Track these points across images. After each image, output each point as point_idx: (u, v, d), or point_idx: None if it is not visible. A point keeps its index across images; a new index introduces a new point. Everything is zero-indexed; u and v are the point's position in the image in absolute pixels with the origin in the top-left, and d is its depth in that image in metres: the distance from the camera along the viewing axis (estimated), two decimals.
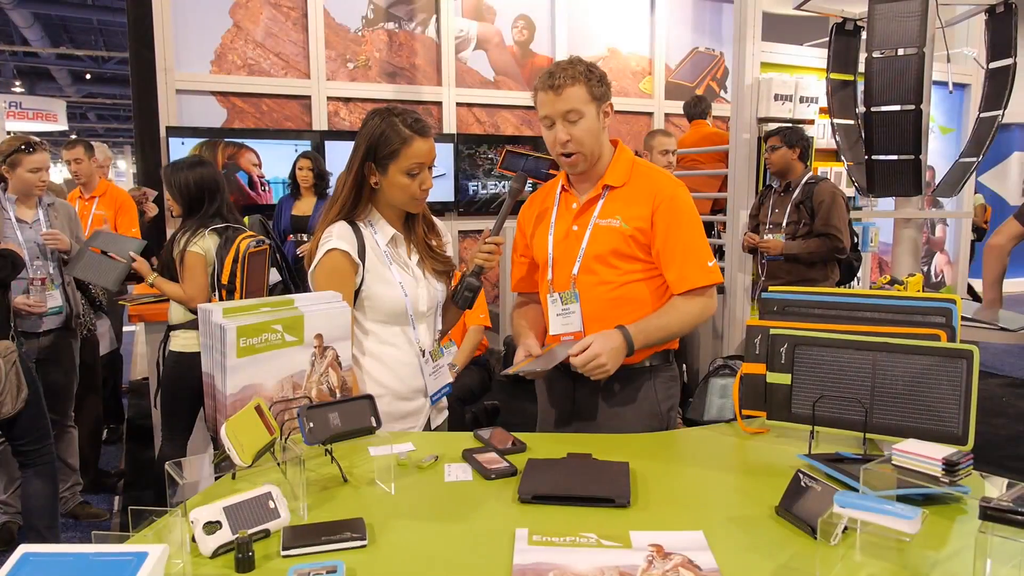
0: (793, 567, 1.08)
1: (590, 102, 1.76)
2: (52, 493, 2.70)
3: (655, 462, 1.49)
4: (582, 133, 1.77)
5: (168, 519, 1.12)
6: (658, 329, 1.79)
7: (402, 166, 1.73)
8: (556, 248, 1.90)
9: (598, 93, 1.77)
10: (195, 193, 2.85)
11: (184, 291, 2.84)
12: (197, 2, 4.93)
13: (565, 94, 1.74)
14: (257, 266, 2.87)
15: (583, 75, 1.74)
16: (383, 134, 1.71)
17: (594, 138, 1.79)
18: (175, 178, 2.85)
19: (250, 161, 5.04)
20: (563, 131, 1.77)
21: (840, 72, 4.48)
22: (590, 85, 1.75)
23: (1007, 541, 0.97)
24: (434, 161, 1.78)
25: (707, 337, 4.85)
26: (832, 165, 5.03)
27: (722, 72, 6.83)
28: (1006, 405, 4.57)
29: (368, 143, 1.73)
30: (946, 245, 6.85)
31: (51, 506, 2.69)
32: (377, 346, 1.80)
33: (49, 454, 2.68)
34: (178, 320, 2.89)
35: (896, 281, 3.54)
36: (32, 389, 2.54)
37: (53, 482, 2.70)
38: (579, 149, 1.79)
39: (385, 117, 1.73)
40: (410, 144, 1.71)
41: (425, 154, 1.73)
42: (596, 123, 1.78)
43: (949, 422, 1.40)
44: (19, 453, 2.65)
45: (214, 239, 2.83)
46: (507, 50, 5.99)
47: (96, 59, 14.35)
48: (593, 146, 1.80)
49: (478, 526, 1.22)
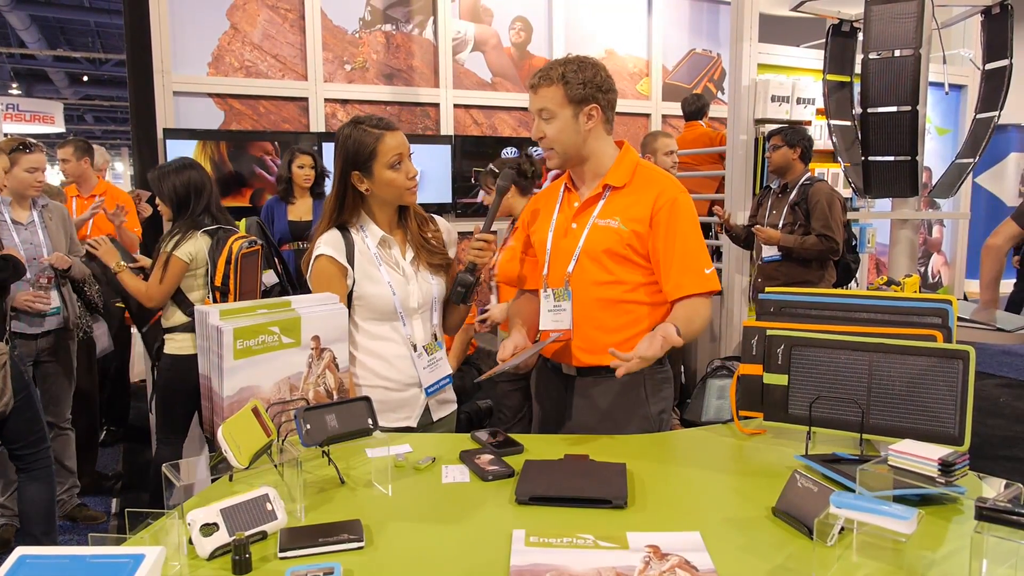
0: (790, 568, 1.08)
1: (565, 104, 1.80)
2: (49, 499, 2.69)
3: (652, 463, 1.49)
4: (553, 132, 1.83)
5: (165, 521, 1.12)
6: (687, 321, 1.76)
7: (384, 161, 1.82)
8: (554, 245, 1.91)
9: (577, 96, 1.80)
10: (182, 195, 2.84)
11: (147, 288, 2.81)
12: (194, 4, 4.93)
13: (540, 93, 1.82)
14: (250, 267, 2.86)
15: (560, 78, 1.79)
16: (357, 141, 1.83)
17: (568, 138, 1.83)
18: (162, 182, 2.84)
19: (262, 149, 4.96)
20: (537, 127, 1.86)
21: (837, 73, 4.49)
22: (567, 88, 1.79)
23: (1003, 541, 0.98)
24: (410, 151, 1.89)
25: (705, 338, 4.85)
26: (829, 166, 5.04)
27: (719, 73, 6.84)
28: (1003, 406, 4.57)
29: (345, 154, 1.85)
30: (943, 246, 6.86)
31: (48, 512, 2.68)
32: (369, 340, 1.86)
33: (46, 459, 2.67)
34: (173, 323, 2.88)
35: (893, 282, 3.55)
36: (26, 393, 2.53)
37: (50, 488, 2.69)
38: (551, 146, 1.85)
39: (353, 127, 1.86)
40: (382, 139, 1.82)
41: (399, 144, 1.84)
42: (571, 124, 1.82)
43: (945, 423, 1.41)
44: (15, 458, 2.63)
45: (206, 240, 2.83)
46: (504, 52, 6.00)
47: (93, 61, 14.33)
48: (567, 146, 1.84)
49: (475, 528, 1.22)
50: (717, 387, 4.04)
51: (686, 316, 1.77)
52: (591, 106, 1.81)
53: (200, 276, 2.85)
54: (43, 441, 2.66)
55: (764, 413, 1.61)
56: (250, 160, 4.91)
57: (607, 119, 1.86)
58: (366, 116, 1.88)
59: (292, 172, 4.07)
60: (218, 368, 1.48)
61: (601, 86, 1.82)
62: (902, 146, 3.67)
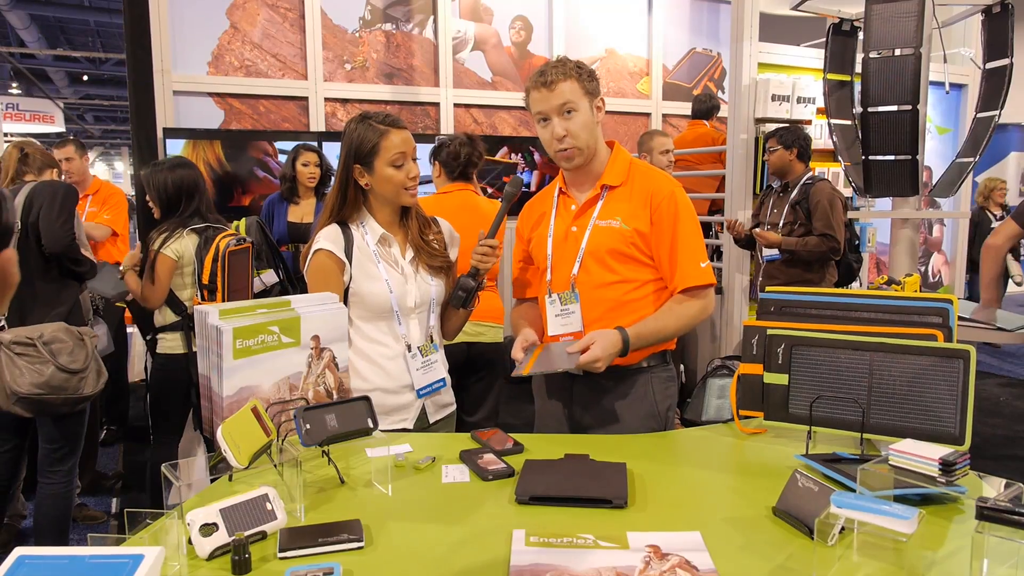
0: (790, 567, 1.08)
1: (583, 96, 1.79)
2: (65, 514, 2.70)
3: (653, 463, 1.49)
4: (578, 127, 1.79)
5: (165, 521, 1.11)
6: (655, 332, 1.80)
7: (385, 159, 1.82)
8: (555, 249, 1.91)
9: (590, 88, 1.80)
10: (172, 193, 2.82)
11: (143, 291, 2.83)
12: (194, 4, 4.93)
13: (558, 89, 1.77)
14: (238, 265, 2.84)
15: (574, 71, 1.78)
16: (361, 135, 1.83)
17: (590, 132, 1.81)
18: (154, 178, 2.83)
19: (262, 150, 4.91)
20: (560, 125, 1.79)
21: (837, 72, 4.49)
22: (581, 80, 1.79)
23: (1004, 541, 0.97)
24: (415, 152, 1.88)
25: (705, 338, 4.85)
26: (829, 165, 5.04)
27: (719, 73, 6.83)
28: (1003, 405, 4.57)
29: (350, 147, 1.84)
30: (943, 245, 6.86)
31: (62, 525, 2.69)
32: (363, 342, 1.84)
33: (72, 473, 2.69)
34: (163, 322, 2.88)
35: (893, 281, 3.55)
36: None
37: (68, 503, 2.71)
38: (575, 143, 1.81)
39: (360, 121, 1.85)
40: (387, 136, 1.82)
41: (402, 143, 1.83)
42: (591, 117, 1.81)
43: (946, 422, 1.41)
44: (48, 459, 2.63)
45: (193, 239, 2.82)
46: (505, 51, 5.99)
47: (93, 61, 14.34)
48: (589, 140, 1.82)
49: (475, 527, 1.22)
50: (717, 386, 4.03)
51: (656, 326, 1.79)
52: (599, 98, 1.83)
53: (189, 275, 2.84)
54: (77, 450, 2.69)
55: (764, 412, 1.61)
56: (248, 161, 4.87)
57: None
58: (376, 112, 1.88)
59: (296, 170, 3.89)
60: (217, 368, 1.47)
61: (597, 79, 1.84)
62: (902, 145, 3.66)
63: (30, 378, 2.34)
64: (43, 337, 2.40)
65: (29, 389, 2.34)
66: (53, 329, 2.45)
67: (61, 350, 2.42)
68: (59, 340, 2.44)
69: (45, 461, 2.65)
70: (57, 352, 2.41)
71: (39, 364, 2.37)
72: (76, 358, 2.45)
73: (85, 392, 2.48)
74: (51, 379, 2.37)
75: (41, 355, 2.37)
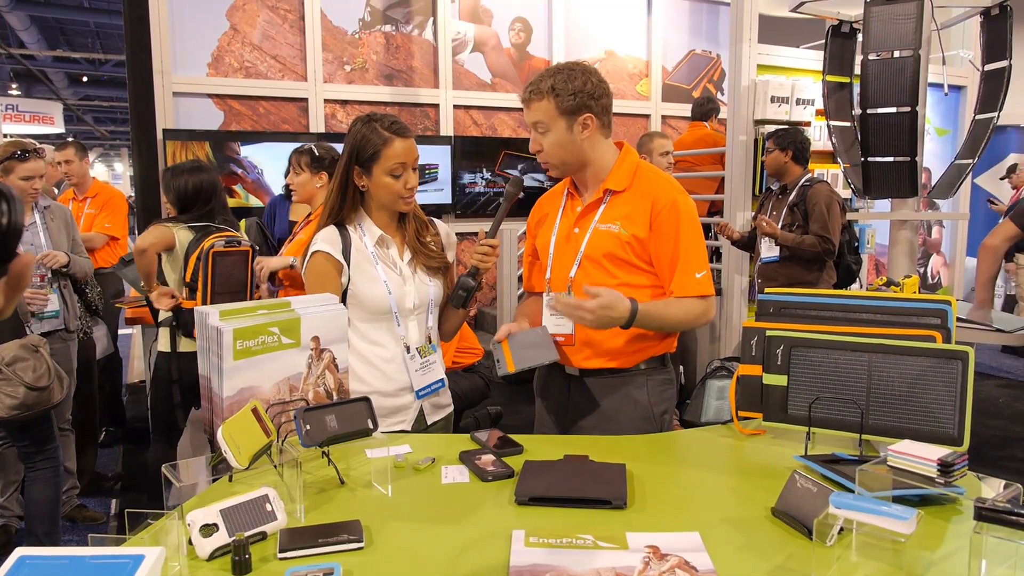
0: (789, 568, 1.08)
1: (557, 117, 1.79)
2: (53, 498, 2.69)
3: (652, 464, 1.49)
4: (548, 145, 1.82)
5: (165, 522, 1.11)
6: (659, 317, 1.78)
7: (384, 167, 1.81)
8: (557, 249, 1.92)
9: (569, 108, 1.78)
10: (190, 195, 2.86)
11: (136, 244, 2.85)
12: (194, 5, 4.94)
13: (532, 107, 1.81)
14: (228, 267, 2.81)
15: (549, 91, 1.77)
16: (364, 138, 1.80)
17: (562, 150, 1.82)
18: (174, 181, 2.87)
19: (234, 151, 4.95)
20: (534, 140, 1.85)
21: (836, 74, 4.49)
22: (557, 100, 1.77)
23: (1002, 542, 0.98)
24: (417, 161, 1.86)
25: (704, 339, 4.86)
26: (828, 167, 5.05)
27: (719, 74, 6.84)
28: (1002, 407, 4.57)
29: (351, 148, 1.82)
30: (942, 247, 6.87)
31: (52, 511, 2.69)
32: (361, 343, 1.84)
33: (53, 458, 2.68)
34: (162, 318, 2.89)
35: (892, 283, 3.55)
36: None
37: (55, 487, 2.70)
38: (547, 159, 1.86)
39: (366, 122, 1.82)
40: (390, 144, 1.79)
41: (404, 153, 1.81)
42: (564, 136, 1.81)
43: (945, 423, 1.41)
44: (23, 455, 2.66)
45: (186, 235, 2.83)
46: (504, 52, 6.00)
47: (93, 62, 14.34)
48: (564, 157, 1.83)
49: (475, 528, 1.22)
50: (717, 388, 4.04)
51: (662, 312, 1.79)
52: (585, 115, 1.79)
53: (179, 271, 2.86)
54: (50, 440, 2.68)
55: (764, 414, 1.61)
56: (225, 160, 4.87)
57: (603, 124, 1.84)
58: (383, 115, 1.84)
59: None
60: (218, 368, 1.48)
61: (593, 93, 1.79)
62: (901, 147, 3.67)
63: (7, 402, 2.35)
64: (4, 360, 2.39)
65: (8, 412, 2.35)
66: (10, 348, 2.43)
67: (25, 368, 2.41)
68: (20, 359, 2.42)
69: (23, 456, 2.66)
70: (23, 371, 2.40)
71: (10, 387, 2.37)
72: (40, 374, 2.44)
73: (55, 400, 2.49)
74: (25, 399, 2.38)
75: (10, 378, 2.37)
